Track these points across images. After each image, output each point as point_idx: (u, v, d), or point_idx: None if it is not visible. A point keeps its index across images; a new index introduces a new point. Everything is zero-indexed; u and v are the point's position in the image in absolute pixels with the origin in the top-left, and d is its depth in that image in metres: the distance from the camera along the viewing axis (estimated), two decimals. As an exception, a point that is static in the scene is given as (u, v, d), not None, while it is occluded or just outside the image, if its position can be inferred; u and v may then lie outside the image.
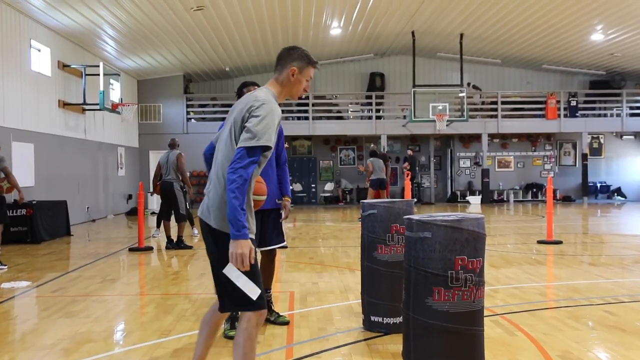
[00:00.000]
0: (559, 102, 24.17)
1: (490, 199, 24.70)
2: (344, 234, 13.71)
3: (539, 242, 11.31)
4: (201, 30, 17.65)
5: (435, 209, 21.88)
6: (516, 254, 10.01)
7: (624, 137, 26.30)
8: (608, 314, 5.77)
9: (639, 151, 26.46)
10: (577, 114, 24.51)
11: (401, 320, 4.09)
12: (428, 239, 3.38)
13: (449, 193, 26.43)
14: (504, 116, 24.34)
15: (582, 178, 24.68)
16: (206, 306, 6.04)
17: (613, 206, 22.53)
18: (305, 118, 23.93)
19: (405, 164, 20.10)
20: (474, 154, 26.16)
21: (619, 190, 26.19)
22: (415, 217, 3.50)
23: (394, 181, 25.10)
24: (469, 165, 26.36)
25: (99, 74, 16.43)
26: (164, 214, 11.53)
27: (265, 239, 5.24)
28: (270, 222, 5.26)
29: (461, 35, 21.39)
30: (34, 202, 12.73)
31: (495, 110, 24.32)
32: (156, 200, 19.95)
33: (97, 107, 16.93)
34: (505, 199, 25.77)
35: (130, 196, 21.85)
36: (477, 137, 24.88)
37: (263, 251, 5.31)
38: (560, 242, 11.18)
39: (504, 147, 26.38)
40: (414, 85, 22.20)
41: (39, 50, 15.32)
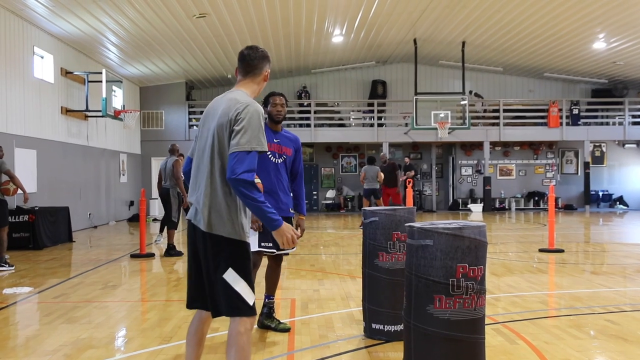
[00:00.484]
0: (561, 111, 24.17)
1: (492, 207, 24.69)
2: (345, 242, 13.72)
3: (541, 251, 11.31)
4: (203, 37, 17.70)
5: (437, 217, 21.88)
6: (518, 262, 10.00)
7: (626, 146, 26.29)
8: (610, 323, 5.77)
9: (641, 160, 26.47)
10: (579, 122, 24.52)
11: (402, 328, 4.07)
12: (429, 247, 3.38)
13: (451, 201, 26.40)
14: (506, 124, 24.34)
15: (584, 186, 24.66)
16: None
17: (615, 215, 22.50)
18: (307, 125, 23.95)
19: (411, 172, 20.00)
20: (475, 161, 26.15)
21: (621, 199, 26.17)
22: (416, 225, 3.50)
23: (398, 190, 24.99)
24: (471, 173, 26.35)
25: (101, 81, 16.45)
26: (167, 221, 11.52)
27: (278, 244, 5.25)
28: None
29: (463, 43, 21.44)
30: (36, 208, 12.75)
31: (497, 118, 24.30)
32: (158, 207, 19.96)
33: (100, 114, 16.95)
34: (507, 207, 25.75)
35: (132, 202, 21.86)
36: (479, 145, 24.88)
37: (270, 256, 5.34)
38: (562, 251, 11.17)
39: (505, 155, 26.38)
40: (416, 93, 22.22)
41: (42, 57, 15.36)
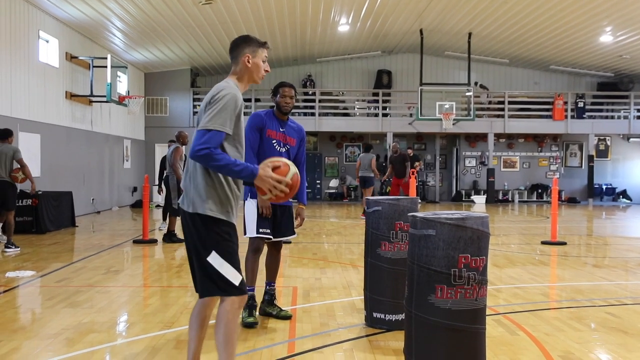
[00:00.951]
0: (566, 104, 24.09)
1: (495, 198, 24.68)
2: (347, 231, 13.74)
3: (543, 243, 11.31)
4: (209, 24, 17.66)
5: (440, 208, 21.88)
6: (520, 254, 10.01)
7: (631, 140, 26.21)
8: (610, 315, 5.78)
9: (645, 154, 26.42)
10: (584, 116, 24.46)
11: (403, 317, 4.09)
12: (432, 237, 3.39)
13: (454, 192, 26.41)
14: (511, 116, 24.29)
15: (588, 180, 24.64)
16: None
17: (618, 209, 22.47)
18: (312, 114, 23.93)
19: (420, 163, 19.81)
20: (479, 153, 26.11)
21: (624, 193, 26.13)
22: (419, 215, 3.50)
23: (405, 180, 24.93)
24: (475, 165, 26.33)
25: (106, 66, 16.46)
26: (168, 207, 11.54)
27: (280, 230, 5.32)
28: (284, 216, 5.33)
29: (469, 34, 21.35)
30: (40, 193, 12.75)
31: (502, 110, 24.26)
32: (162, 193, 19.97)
33: (104, 99, 16.96)
34: (510, 199, 25.76)
35: (135, 189, 21.90)
36: (484, 137, 24.85)
37: (270, 243, 5.37)
38: (564, 243, 11.17)
39: (510, 147, 26.34)
40: (421, 84, 22.16)
41: (47, 42, 15.34)
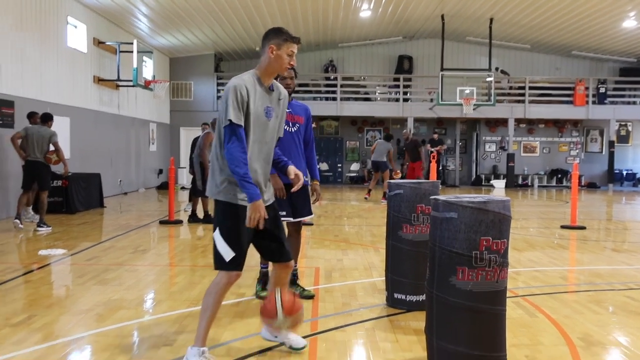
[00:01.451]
0: (587, 89, 23.90)
1: (515, 183, 24.64)
2: (368, 214, 13.88)
3: (563, 227, 11.36)
4: (232, 9, 17.76)
5: (460, 192, 21.89)
6: (539, 238, 10.09)
7: (653, 126, 26.00)
8: (630, 299, 5.83)
9: (667, 140, 26.16)
10: (606, 101, 24.26)
11: (424, 298, 4.20)
12: (454, 220, 3.46)
13: (474, 176, 26.41)
14: (531, 102, 24.16)
15: (608, 165, 24.50)
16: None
17: (638, 194, 22.35)
18: (333, 99, 24.01)
19: (444, 146, 19.84)
20: (499, 138, 26.05)
21: (645, 179, 25.96)
22: (441, 198, 3.57)
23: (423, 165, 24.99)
24: (495, 150, 26.28)
25: (132, 51, 16.67)
26: (194, 189, 11.74)
27: (297, 210, 5.45)
28: (300, 197, 5.43)
29: (491, 19, 21.24)
30: (70, 174, 13.00)
31: (523, 95, 24.13)
32: (186, 175, 20.27)
33: (131, 84, 17.23)
34: (529, 184, 25.69)
35: (161, 171, 22.19)
36: (504, 122, 24.77)
37: (289, 223, 5.50)
38: (583, 228, 11.22)
39: (530, 133, 26.23)
40: (442, 69, 22.13)
41: (75, 27, 15.55)
